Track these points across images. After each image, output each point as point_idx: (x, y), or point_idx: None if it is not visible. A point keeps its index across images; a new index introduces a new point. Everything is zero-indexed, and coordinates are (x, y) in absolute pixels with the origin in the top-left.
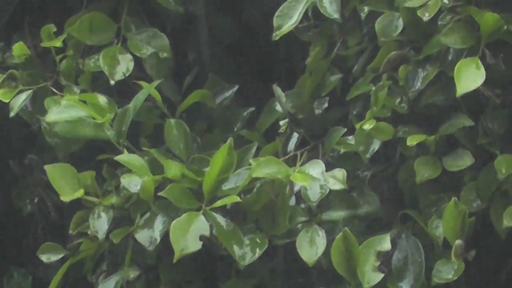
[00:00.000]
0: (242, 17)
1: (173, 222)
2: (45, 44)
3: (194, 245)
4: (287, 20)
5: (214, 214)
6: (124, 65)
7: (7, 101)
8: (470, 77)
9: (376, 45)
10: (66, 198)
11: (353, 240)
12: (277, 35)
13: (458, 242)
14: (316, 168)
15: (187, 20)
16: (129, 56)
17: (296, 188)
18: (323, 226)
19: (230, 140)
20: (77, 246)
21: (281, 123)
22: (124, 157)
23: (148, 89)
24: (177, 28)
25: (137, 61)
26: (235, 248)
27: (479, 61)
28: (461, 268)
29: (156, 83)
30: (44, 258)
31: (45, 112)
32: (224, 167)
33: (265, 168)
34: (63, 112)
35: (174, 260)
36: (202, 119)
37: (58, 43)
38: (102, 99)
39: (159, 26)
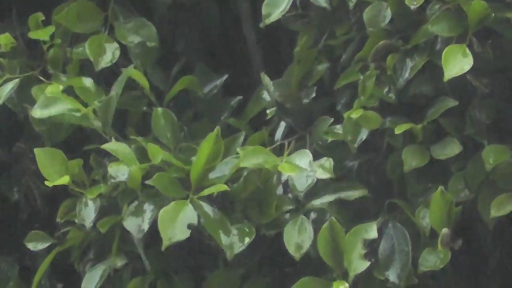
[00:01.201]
0: (231, 5)
1: (161, 211)
2: (33, 35)
3: (182, 234)
4: (275, 9)
5: (201, 203)
6: (110, 54)
7: None
8: (457, 63)
9: (364, 34)
10: (50, 183)
11: (339, 229)
12: (265, 23)
13: (444, 230)
14: (303, 158)
15: (175, 9)
16: (115, 45)
17: (283, 178)
18: (310, 215)
19: (217, 129)
20: (64, 234)
21: (268, 111)
22: (111, 146)
23: (127, 73)
24: (165, 17)
25: (126, 50)
26: (223, 237)
27: (466, 48)
28: (447, 257)
29: (131, 67)
30: (31, 246)
31: (33, 100)
32: (211, 156)
33: (253, 158)
34: (49, 106)
35: (163, 248)
36: (190, 108)
37: (45, 35)
38: (89, 81)
39: (147, 15)
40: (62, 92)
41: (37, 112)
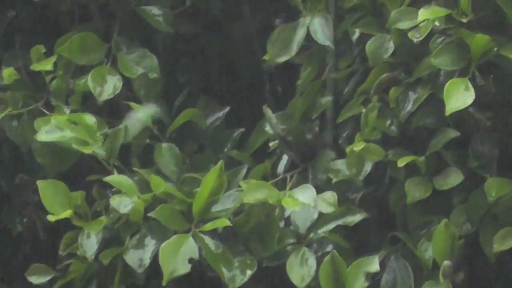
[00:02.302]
0: (233, 37)
1: (163, 245)
2: (35, 67)
3: (183, 268)
4: (284, 50)
5: (203, 236)
6: (112, 85)
7: None
8: (459, 97)
9: (367, 67)
10: (53, 217)
11: (341, 262)
12: (273, 64)
13: (446, 263)
14: (306, 193)
15: (178, 41)
16: (117, 76)
17: (286, 213)
18: (312, 246)
19: (220, 163)
20: (67, 266)
21: (270, 144)
22: (114, 178)
23: (143, 115)
24: (168, 49)
25: (127, 81)
26: (224, 270)
27: (469, 82)
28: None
29: (151, 108)
30: (33, 279)
31: (35, 132)
32: (214, 189)
33: (256, 192)
34: (53, 132)
35: (164, 283)
36: (193, 140)
37: (48, 66)
38: (90, 119)
39: (150, 47)
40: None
41: (42, 137)
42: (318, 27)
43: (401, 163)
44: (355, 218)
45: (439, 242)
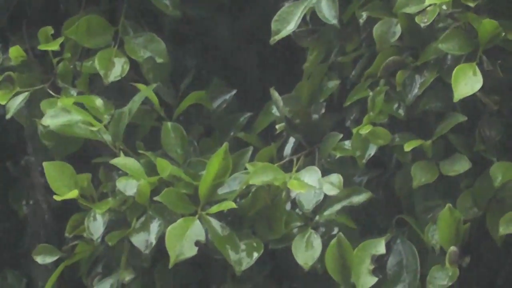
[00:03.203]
0: (241, 20)
1: (169, 228)
2: (42, 47)
3: (190, 251)
4: (285, 25)
5: (210, 219)
6: (119, 68)
7: (4, 103)
8: (467, 83)
9: (374, 50)
10: (58, 198)
11: (347, 245)
12: (274, 39)
13: (452, 248)
14: (312, 175)
15: (185, 23)
16: (124, 59)
17: (292, 194)
18: (318, 229)
19: (225, 145)
20: (72, 248)
21: (277, 126)
22: (120, 161)
23: (144, 92)
24: (175, 31)
25: (136, 64)
26: (231, 253)
27: (477, 67)
28: (455, 275)
29: (152, 86)
30: (39, 259)
31: (42, 114)
32: (220, 172)
33: (262, 175)
34: (59, 116)
35: (170, 266)
36: (200, 123)
37: (55, 46)
38: (98, 101)
39: (157, 30)
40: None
41: (47, 121)
42: (325, 6)
43: (408, 147)
44: (360, 198)
45: (444, 227)
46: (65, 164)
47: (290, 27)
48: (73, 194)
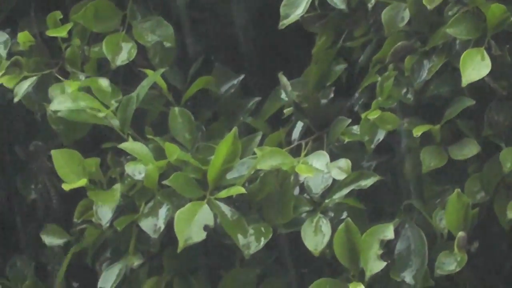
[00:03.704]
0: (249, 5)
1: (177, 212)
2: (51, 33)
3: (198, 235)
4: (294, 10)
5: (219, 203)
6: (126, 52)
7: (11, 87)
8: (475, 68)
9: (382, 35)
10: (67, 186)
11: (356, 230)
12: (283, 24)
13: (461, 234)
14: (320, 159)
15: (193, 8)
16: (132, 43)
17: (301, 179)
18: (327, 213)
19: (234, 129)
20: (81, 232)
21: (285, 111)
22: (129, 145)
23: (152, 77)
24: (183, 16)
25: (143, 49)
26: (240, 237)
27: (485, 52)
28: (464, 260)
29: (160, 71)
30: (46, 240)
31: (50, 99)
32: (228, 156)
33: (270, 159)
34: (67, 101)
35: (178, 250)
36: (208, 108)
37: (63, 32)
38: (105, 83)
39: (165, 14)
40: (81, 90)
41: (55, 105)
42: None
43: (416, 132)
44: (368, 181)
45: (452, 212)
46: (72, 151)
47: (299, 12)
48: (82, 182)
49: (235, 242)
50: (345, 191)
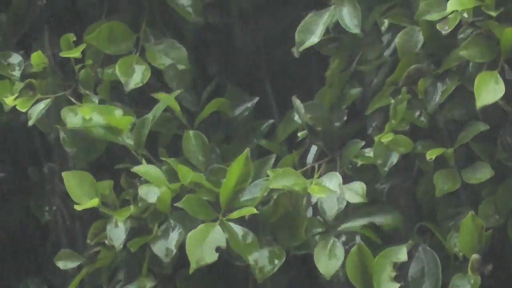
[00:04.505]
0: (262, 28)
1: (189, 234)
2: (64, 54)
3: (210, 257)
4: (309, 36)
5: (231, 224)
6: (140, 75)
7: (24, 110)
8: (489, 91)
9: (396, 58)
10: (79, 207)
11: (368, 253)
12: (298, 51)
13: (474, 256)
14: (333, 180)
15: (207, 31)
16: (145, 66)
17: (313, 200)
18: (340, 237)
19: (247, 151)
20: (94, 254)
21: (299, 134)
22: (142, 168)
23: (166, 100)
24: (197, 39)
25: (157, 71)
26: (252, 258)
27: (498, 76)
28: (477, 283)
29: (175, 93)
30: (60, 265)
31: (63, 121)
32: (241, 178)
33: (283, 179)
34: (82, 118)
35: (190, 271)
36: (221, 130)
37: (77, 53)
38: (118, 111)
39: (179, 37)
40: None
41: (72, 121)
42: (347, 15)
43: (430, 155)
44: (388, 218)
45: (466, 235)
46: (84, 173)
47: (315, 39)
48: (94, 203)
49: (247, 264)
50: (361, 221)
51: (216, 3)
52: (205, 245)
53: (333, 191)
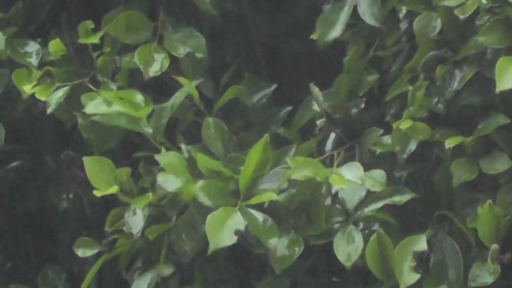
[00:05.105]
0: (280, 15)
1: (209, 216)
2: (82, 40)
3: (229, 239)
4: (330, 28)
5: (250, 210)
6: (159, 63)
7: (44, 99)
8: (509, 76)
9: (414, 45)
10: (98, 193)
11: (388, 241)
12: (321, 44)
13: (494, 246)
14: (353, 170)
15: (225, 18)
16: (164, 54)
17: (333, 190)
18: (359, 224)
19: (266, 137)
20: (112, 242)
21: (317, 122)
22: (163, 158)
23: (187, 87)
24: (215, 26)
25: (174, 59)
26: (271, 243)
27: None
28: (497, 272)
29: (195, 82)
30: (79, 252)
31: (81, 108)
32: (260, 164)
33: (304, 169)
34: (102, 105)
35: (209, 253)
36: (239, 118)
37: (95, 39)
38: (138, 96)
39: (196, 24)
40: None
41: (90, 110)
42: (365, 6)
43: (448, 144)
44: (403, 198)
45: (484, 223)
46: (104, 159)
47: (336, 32)
48: (113, 189)
49: (266, 250)
50: (378, 204)
51: None
52: (225, 228)
53: (354, 182)
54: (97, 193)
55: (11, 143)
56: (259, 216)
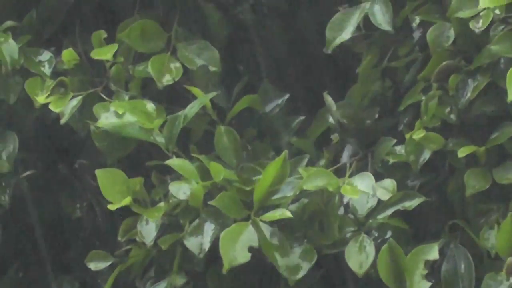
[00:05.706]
0: (293, 25)
1: (223, 233)
2: (95, 55)
3: (243, 257)
4: (340, 33)
5: (261, 224)
6: (172, 73)
7: (58, 110)
8: None
9: (427, 54)
10: (112, 206)
11: (400, 251)
12: (329, 48)
13: (510, 259)
14: (365, 180)
15: (238, 28)
16: (178, 64)
17: (345, 200)
18: (371, 233)
19: (285, 153)
20: (126, 252)
21: (332, 136)
22: (175, 162)
23: (202, 100)
24: (228, 36)
25: (186, 68)
26: (279, 259)
27: None
28: (511, 284)
29: (210, 95)
30: (91, 266)
31: (94, 117)
32: (276, 179)
33: (316, 180)
34: (114, 117)
35: (224, 271)
36: (252, 127)
37: (108, 55)
38: (150, 106)
39: (209, 34)
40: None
41: (102, 122)
42: (378, 12)
43: (462, 153)
44: (413, 202)
45: (504, 235)
46: (117, 170)
47: (345, 36)
48: (126, 201)
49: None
50: (389, 211)
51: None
52: (238, 245)
53: (365, 192)
54: (110, 207)
55: (25, 151)
56: (268, 231)
